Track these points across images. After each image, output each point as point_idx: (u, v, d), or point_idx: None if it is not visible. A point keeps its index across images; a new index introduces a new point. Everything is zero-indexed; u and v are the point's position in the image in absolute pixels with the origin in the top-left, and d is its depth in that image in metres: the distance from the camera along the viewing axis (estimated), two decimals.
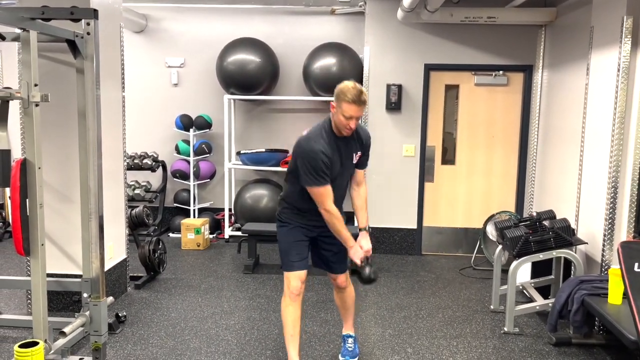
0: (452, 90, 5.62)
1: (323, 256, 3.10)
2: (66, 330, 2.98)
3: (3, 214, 6.26)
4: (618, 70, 3.52)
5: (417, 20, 5.21)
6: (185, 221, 5.85)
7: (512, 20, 5.16)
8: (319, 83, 5.72)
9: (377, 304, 4.24)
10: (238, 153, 6.09)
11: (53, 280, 3.41)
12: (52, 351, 2.98)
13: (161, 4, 6.29)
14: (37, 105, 2.72)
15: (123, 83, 4.27)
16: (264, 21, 6.30)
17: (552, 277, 4.16)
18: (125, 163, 4.35)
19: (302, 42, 6.18)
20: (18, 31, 2.75)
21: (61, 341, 3.09)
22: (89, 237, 3.07)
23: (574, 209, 4.17)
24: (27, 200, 2.77)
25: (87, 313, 3.08)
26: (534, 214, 4.04)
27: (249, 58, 5.84)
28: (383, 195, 5.63)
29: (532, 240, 3.74)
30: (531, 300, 4.02)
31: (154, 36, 6.45)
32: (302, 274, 2.93)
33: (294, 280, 2.91)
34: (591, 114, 3.98)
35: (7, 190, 5.91)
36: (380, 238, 5.70)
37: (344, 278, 3.14)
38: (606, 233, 3.61)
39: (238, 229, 5.99)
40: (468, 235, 5.72)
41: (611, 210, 3.58)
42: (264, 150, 5.93)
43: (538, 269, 4.30)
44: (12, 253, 5.14)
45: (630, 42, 3.46)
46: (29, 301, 3.84)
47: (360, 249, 2.89)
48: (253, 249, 5.11)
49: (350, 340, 3.28)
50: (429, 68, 5.52)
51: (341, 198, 3.00)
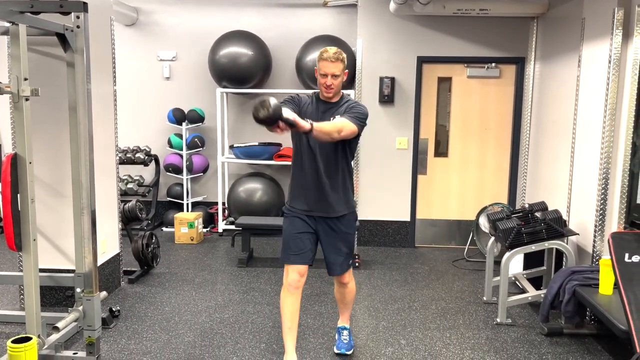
0: (445, 82, 5.62)
1: (325, 252, 3.06)
2: (59, 325, 2.98)
3: None
4: (609, 62, 3.54)
5: (410, 12, 5.20)
6: (178, 215, 5.84)
7: (504, 12, 5.16)
8: (312, 76, 5.70)
9: (371, 296, 4.26)
10: (231, 147, 6.08)
11: (46, 275, 3.40)
12: (46, 346, 2.97)
13: None
14: (27, 99, 2.70)
15: (114, 77, 4.24)
16: (256, 14, 6.27)
17: (544, 268, 4.19)
18: (117, 157, 4.33)
19: (295, 35, 6.16)
20: (7, 25, 2.72)
21: (55, 336, 3.08)
22: (82, 232, 3.06)
23: (566, 201, 4.19)
24: (19, 195, 2.76)
25: (81, 308, 3.07)
26: (526, 206, 4.06)
27: (242, 51, 5.82)
28: (376, 188, 5.64)
29: (524, 231, 3.76)
30: (523, 291, 4.05)
31: (146, 29, 6.40)
32: (301, 268, 2.92)
33: (293, 273, 2.91)
34: (582, 106, 4.00)
35: None
36: (373, 231, 5.72)
37: (347, 275, 3.14)
38: (597, 224, 3.64)
39: (232, 223, 5.99)
40: (461, 227, 5.74)
41: (602, 201, 3.61)
42: (257, 143, 5.92)
43: (530, 260, 4.34)
44: (4, 248, 5.12)
45: (621, 34, 3.47)
46: (22, 297, 3.83)
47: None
48: (247, 243, 5.11)
49: (345, 332, 3.30)
50: (422, 60, 5.51)
51: (327, 171, 2.89)
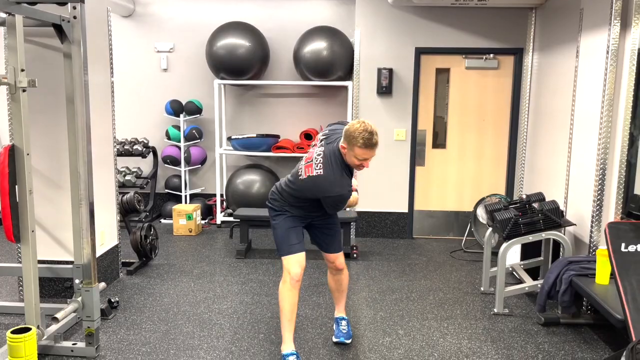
0: (443, 74, 5.61)
1: (318, 237, 3.19)
2: (58, 316, 2.99)
3: None
4: (607, 52, 3.53)
5: (408, 3, 5.18)
6: (176, 207, 5.85)
7: (503, 3, 5.14)
8: (310, 67, 5.69)
9: (369, 287, 4.28)
10: (229, 138, 6.07)
11: (44, 266, 3.41)
12: (45, 337, 2.99)
13: None
14: (25, 90, 2.70)
15: (112, 68, 4.23)
16: (254, 5, 6.24)
17: (541, 259, 4.21)
18: (115, 149, 4.33)
19: (293, 26, 6.14)
20: (3, 15, 2.71)
21: (54, 327, 3.10)
22: (80, 224, 3.07)
23: (563, 191, 4.21)
24: (16, 186, 2.76)
25: (80, 299, 3.09)
26: (524, 197, 4.07)
27: (239, 42, 5.80)
28: (374, 179, 5.65)
29: (522, 222, 3.77)
30: (521, 281, 4.07)
31: (143, 20, 6.37)
32: (302, 259, 2.98)
33: (295, 267, 2.93)
34: (580, 97, 4.00)
35: None
36: (371, 222, 5.73)
37: (342, 259, 3.20)
38: (594, 214, 3.65)
39: (230, 215, 6.00)
40: (459, 218, 5.76)
41: (599, 192, 3.62)
42: (255, 135, 5.91)
43: (527, 251, 4.36)
44: (3, 240, 5.12)
45: (619, 24, 3.46)
46: (21, 288, 3.84)
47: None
48: (245, 234, 5.12)
49: (344, 322, 3.33)
50: (420, 52, 5.50)
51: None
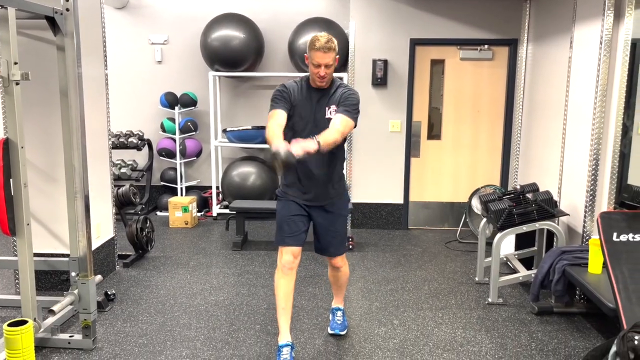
0: (438, 65, 5.61)
1: (318, 235, 3.07)
2: (55, 308, 3.01)
3: None
4: (600, 43, 3.54)
5: None
6: (172, 199, 5.85)
7: None
8: (304, 60, 5.67)
9: (364, 278, 4.31)
10: (224, 130, 6.07)
11: (40, 259, 3.41)
12: (42, 329, 3.01)
13: None
14: (18, 83, 2.69)
15: (105, 61, 4.22)
16: None
17: (535, 249, 4.24)
18: (110, 142, 4.32)
19: (287, 17, 6.12)
20: None
21: (50, 319, 3.12)
22: (75, 216, 3.08)
23: (557, 182, 4.23)
24: (11, 180, 2.76)
25: (76, 291, 3.10)
26: (518, 187, 4.10)
27: (234, 34, 5.78)
28: (370, 171, 5.66)
29: (516, 212, 3.80)
30: (515, 271, 4.10)
31: (136, 12, 6.34)
32: (295, 249, 2.94)
33: (286, 254, 2.93)
34: (574, 87, 4.01)
35: None
36: (367, 213, 5.75)
37: (340, 259, 3.14)
38: (587, 204, 3.68)
39: (226, 207, 6.01)
40: (454, 209, 5.79)
41: (592, 182, 3.64)
42: (250, 127, 5.91)
43: (521, 241, 4.38)
44: None
45: (612, 15, 3.47)
46: (17, 281, 3.85)
47: (287, 144, 2.50)
48: (241, 226, 5.13)
49: (339, 313, 3.34)
50: (415, 43, 5.50)
51: (320, 169, 2.88)
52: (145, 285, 4.10)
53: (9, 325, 2.61)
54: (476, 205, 5.18)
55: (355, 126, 2.89)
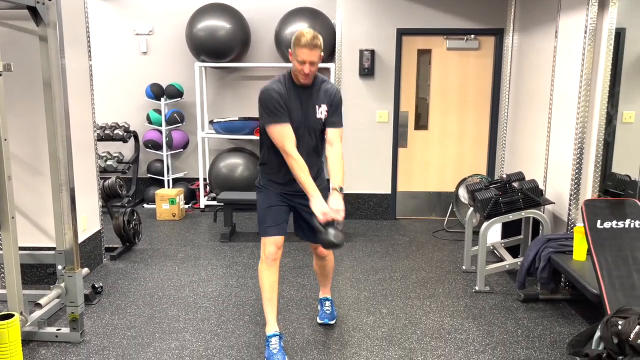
0: (425, 55, 5.62)
1: (302, 225, 3.06)
2: (42, 302, 2.98)
3: None
4: (585, 32, 3.57)
5: None
6: (159, 192, 5.82)
7: None
8: (289, 54, 5.65)
9: (353, 268, 4.33)
10: (211, 122, 6.03)
11: (26, 253, 3.38)
12: (29, 323, 2.98)
13: None
14: (0, 74, 2.64)
15: (89, 51, 4.16)
16: None
17: (522, 237, 4.29)
18: (95, 134, 4.28)
19: (273, 7, 6.09)
20: None
21: (37, 313, 3.09)
22: (61, 209, 3.05)
23: (543, 170, 4.27)
24: None
25: (63, 285, 3.08)
26: (504, 176, 4.13)
27: (219, 24, 5.74)
28: (357, 161, 5.67)
29: (502, 201, 3.83)
30: (501, 259, 4.15)
31: (120, 2, 6.25)
32: (278, 240, 2.93)
33: (270, 245, 2.92)
34: (559, 77, 4.04)
35: None
36: (355, 204, 5.77)
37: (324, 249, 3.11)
38: (572, 193, 3.72)
39: (213, 199, 5.99)
40: (441, 198, 5.82)
41: (577, 170, 3.68)
42: (237, 118, 5.88)
43: (508, 230, 4.43)
44: None
45: (597, 4, 3.49)
46: (3, 275, 3.81)
47: (326, 206, 2.70)
48: (229, 218, 5.12)
49: (327, 303, 3.35)
50: (401, 33, 5.50)
51: (311, 158, 2.89)
52: (133, 277, 4.09)
53: None
54: (463, 194, 5.22)
55: None
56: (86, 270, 3.63)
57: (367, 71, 5.50)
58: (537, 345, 3.08)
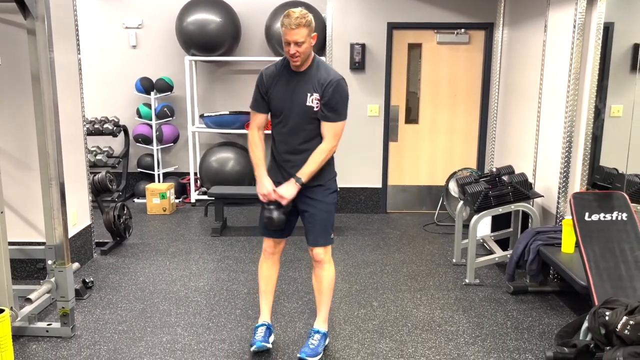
0: (415, 49, 5.63)
1: (304, 226, 2.91)
2: (32, 297, 2.97)
3: None
4: (574, 27, 3.59)
5: None
6: (150, 186, 5.79)
7: None
8: (282, 43, 5.63)
9: (344, 261, 4.34)
10: (201, 116, 6.01)
11: (16, 248, 3.36)
12: (19, 318, 2.97)
13: None
14: None
15: (78, 45, 4.13)
16: None
17: (511, 230, 4.33)
18: (84, 128, 4.25)
19: (264, 1, 6.05)
20: None
21: (28, 308, 3.08)
22: (51, 204, 3.03)
23: (532, 164, 4.31)
24: None
25: (53, 279, 3.06)
26: (494, 170, 4.16)
27: (209, 18, 5.70)
28: (348, 155, 5.68)
29: (492, 195, 3.86)
30: (491, 252, 4.18)
31: None
32: (271, 239, 2.96)
33: (268, 240, 2.97)
34: (548, 71, 4.07)
35: None
36: (346, 197, 5.78)
37: (320, 251, 2.85)
38: (561, 186, 3.76)
39: (204, 193, 5.98)
40: (432, 192, 5.85)
41: (566, 164, 3.72)
42: (228, 112, 5.87)
43: (498, 223, 4.47)
44: None
45: None
46: None
47: (270, 188, 2.73)
48: (220, 212, 5.12)
49: (316, 337, 2.87)
50: (392, 27, 5.50)
51: (304, 144, 2.76)
52: (123, 272, 4.08)
53: None
54: (453, 188, 5.25)
55: (345, 118, 2.79)
56: (77, 265, 3.61)
57: (358, 65, 5.50)
58: (526, 336, 3.11)
